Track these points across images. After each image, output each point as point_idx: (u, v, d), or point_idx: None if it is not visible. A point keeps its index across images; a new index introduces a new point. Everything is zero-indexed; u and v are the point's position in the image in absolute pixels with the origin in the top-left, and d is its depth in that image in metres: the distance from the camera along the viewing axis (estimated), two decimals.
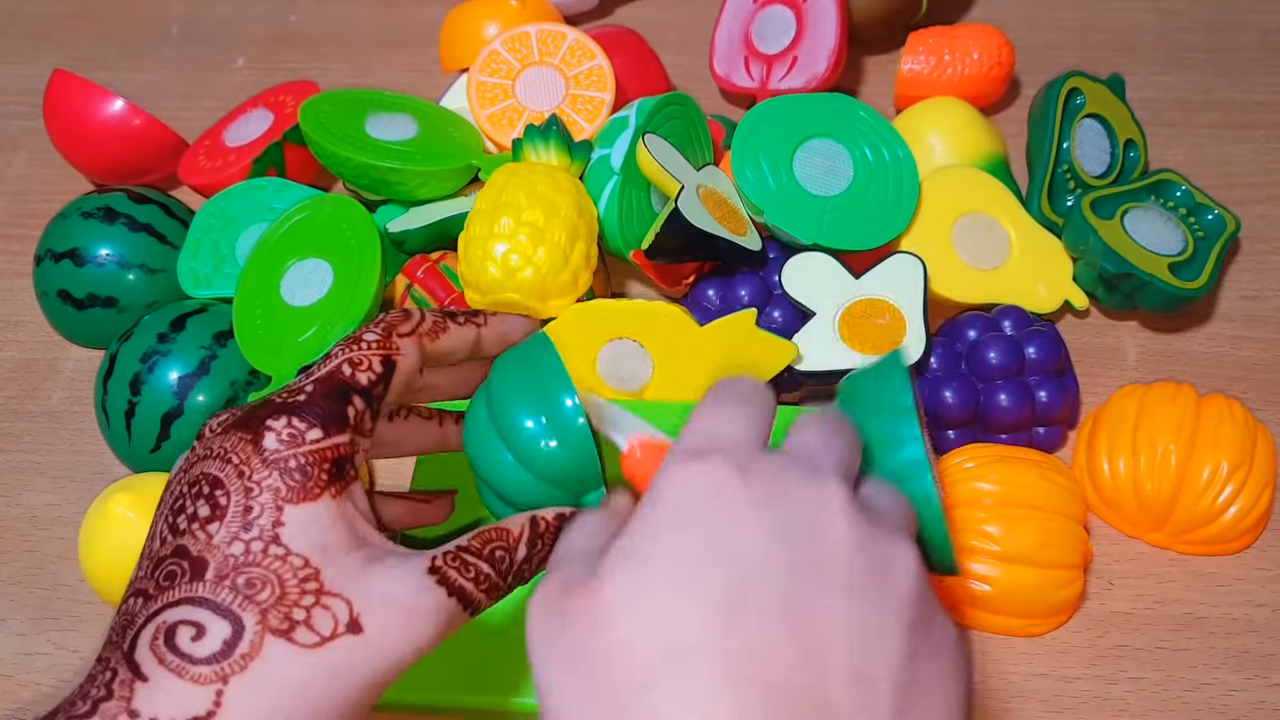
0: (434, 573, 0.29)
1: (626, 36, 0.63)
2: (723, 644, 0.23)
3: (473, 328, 0.36)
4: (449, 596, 0.29)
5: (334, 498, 0.29)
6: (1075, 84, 0.58)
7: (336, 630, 0.27)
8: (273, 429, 0.29)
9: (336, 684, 0.27)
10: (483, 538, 0.31)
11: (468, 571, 0.30)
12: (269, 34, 0.74)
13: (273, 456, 0.29)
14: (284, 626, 0.27)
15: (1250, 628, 0.45)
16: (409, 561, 0.29)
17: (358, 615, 0.28)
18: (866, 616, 0.24)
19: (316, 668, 0.27)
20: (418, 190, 0.54)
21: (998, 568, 0.44)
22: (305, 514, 0.28)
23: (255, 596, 0.27)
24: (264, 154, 0.58)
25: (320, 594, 0.28)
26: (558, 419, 0.34)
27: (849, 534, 0.25)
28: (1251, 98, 0.66)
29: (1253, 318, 0.56)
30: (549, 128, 0.51)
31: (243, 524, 0.28)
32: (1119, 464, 0.47)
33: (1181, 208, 0.56)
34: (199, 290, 0.54)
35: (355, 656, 0.27)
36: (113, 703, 0.26)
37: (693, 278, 0.53)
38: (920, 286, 0.50)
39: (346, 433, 0.30)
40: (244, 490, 0.28)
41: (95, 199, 0.56)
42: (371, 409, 0.32)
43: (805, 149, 0.53)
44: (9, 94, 0.71)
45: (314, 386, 0.31)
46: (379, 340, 0.33)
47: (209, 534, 0.28)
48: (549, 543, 0.32)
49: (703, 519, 0.25)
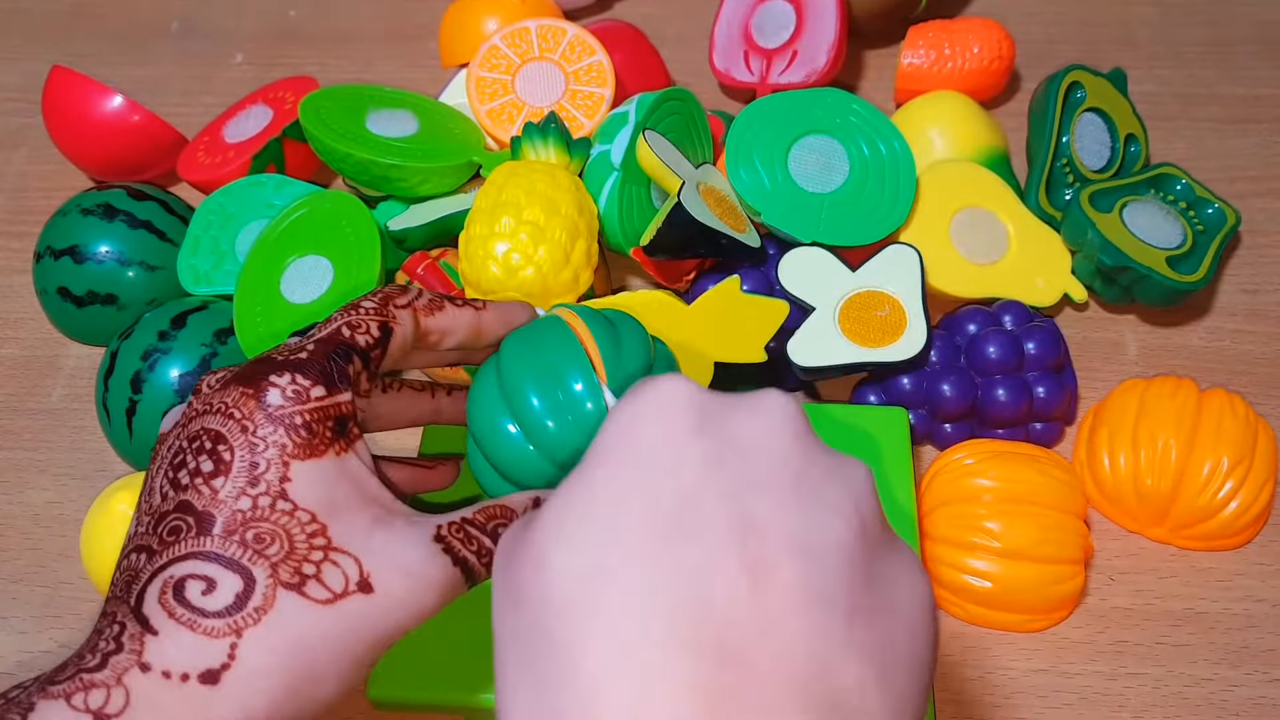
0: (439, 541, 0.29)
1: (626, 31, 0.63)
2: (655, 562, 0.21)
3: (471, 310, 0.36)
4: (453, 566, 0.29)
5: (338, 454, 0.29)
6: (1076, 78, 0.58)
7: (348, 587, 0.27)
8: (276, 385, 0.29)
9: (348, 641, 0.27)
10: (486, 512, 0.31)
11: (470, 544, 0.30)
12: (268, 29, 0.74)
13: (277, 412, 0.29)
14: (295, 580, 0.27)
15: (1250, 623, 0.45)
16: (415, 528, 0.29)
17: (368, 575, 0.28)
18: (816, 527, 0.22)
19: (331, 623, 0.27)
20: (419, 187, 0.54)
21: (998, 564, 0.44)
22: (312, 470, 0.28)
23: (265, 551, 0.27)
24: (263, 150, 0.58)
25: (329, 549, 0.28)
26: (570, 399, 0.34)
27: (794, 445, 0.23)
28: (1253, 91, 0.66)
29: (1253, 312, 0.56)
30: (547, 125, 0.51)
31: (249, 479, 0.28)
32: (1119, 459, 0.47)
33: (1181, 201, 0.56)
34: (199, 287, 0.54)
35: (366, 616, 0.27)
36: (122, 656, 0.26)
37: (693, 274, 0.53)
38: (918, 276, 0.50)
39: (348, 391, 0.30)
40: (249, 445, 0.28)
41: (95, 196, 0.55)
42: (369, 370, 0.32)
43: (800, 146, 0.53)
44: (8, 90, 0.71)
45: (315, 346, 0.31)
46: (376, 307, 0.33)
47: (214, 489, 0.28)
48: None
49: (642, 445, 0.23)
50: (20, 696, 0.26)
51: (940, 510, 0.45)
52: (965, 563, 0.44)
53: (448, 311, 0.35)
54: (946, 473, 0.46)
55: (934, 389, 0.48)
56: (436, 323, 0.35)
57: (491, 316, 0.36)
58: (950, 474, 0.46)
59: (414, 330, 0.34)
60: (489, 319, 0.36)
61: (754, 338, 0.47)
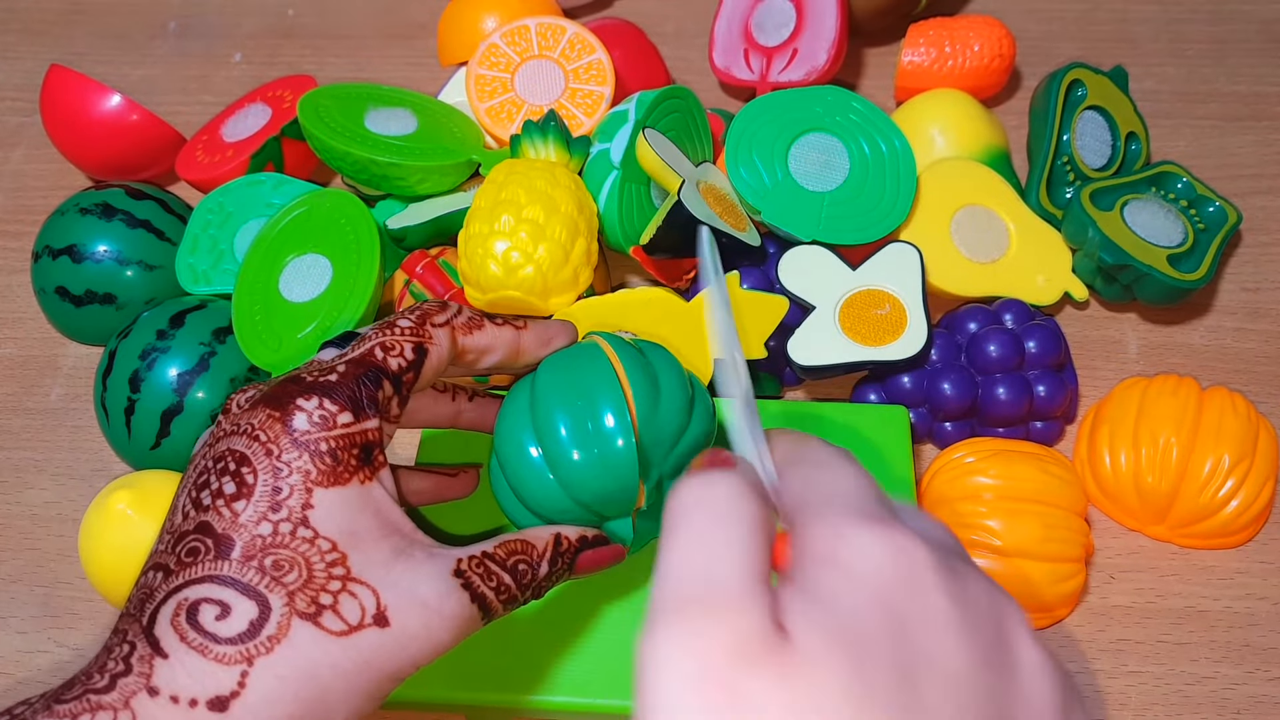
0: (459, 576, 0.29)
1: (625, 29, 0.62)
2: None
3: (511, 329, 0.35)
4: (471, 603, 0.29)
5: (363, 483, 0.29)
6: (1076, 75, 0.58)
7: (364, 620, 0.27)
8: (303, 409, 0.29)
9: (361, 674, 0.27)
10: (507, 548, 0.30)
11: (490, 580, 0.29)
12: (266, 28, 0.74)
13: (303, 438, 0.28)
14: (311, 610, 0.26)
15: (1251, 621, 0.45)
16: (435, 561, 0.29)
17: (385, 608, 0.27)
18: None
19: (344, 656, 0.27)
20: (418, 185, 0.53)
21: (999, 562, 0.44)
22: (334, 498, 0.28)
23: (282, 578, 0.27)
24: (262, 149, 0.58)
25: (347, 580, 0.27)
26: (599, 433, 0.33)
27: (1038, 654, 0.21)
28: (1254, 89, 0.66)
29: (1254, 310, 0.56)
30: (547, 123, 0.50)
31: (271, 504, 0.27)
32: (1120, 457, 0.47)
33: (1182, 199, 0.56)
34: (197, 286, 0.53)
35: (381, 650, 0.27)
36: (131, 678, 0.25)
37: (693, 273, 0.53)
38: (918, 275, 0.50)
39: (376, 418, 0.30)
40: (273, 470, 0.28)
41: (93, 195, 0.55)
42: (400, 395, 0.31)
43: (800, 144, 0.53)
44: (5, 89, 0.71)
45: (346, 368, 0.30)
46: (413, 327, 0.32)
47: (235, 511, 0.27)
48: (567, 562, 0.32)
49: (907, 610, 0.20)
50: (25, 714, 0.25)
51: (941, 509, 0.45)
52: None
53: (487, 330, 0.34)
54: (947, 471, 0.46)
55: (934, 387, 0.48)
56: (475, 342, 0.34)
57: (531, 336, 0.36)
58: (951, 472, 0.46)
59: (450, 349, 0.33)
60: (529, 339, 0.36)
61: (754, 334, 0.47)
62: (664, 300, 0.47)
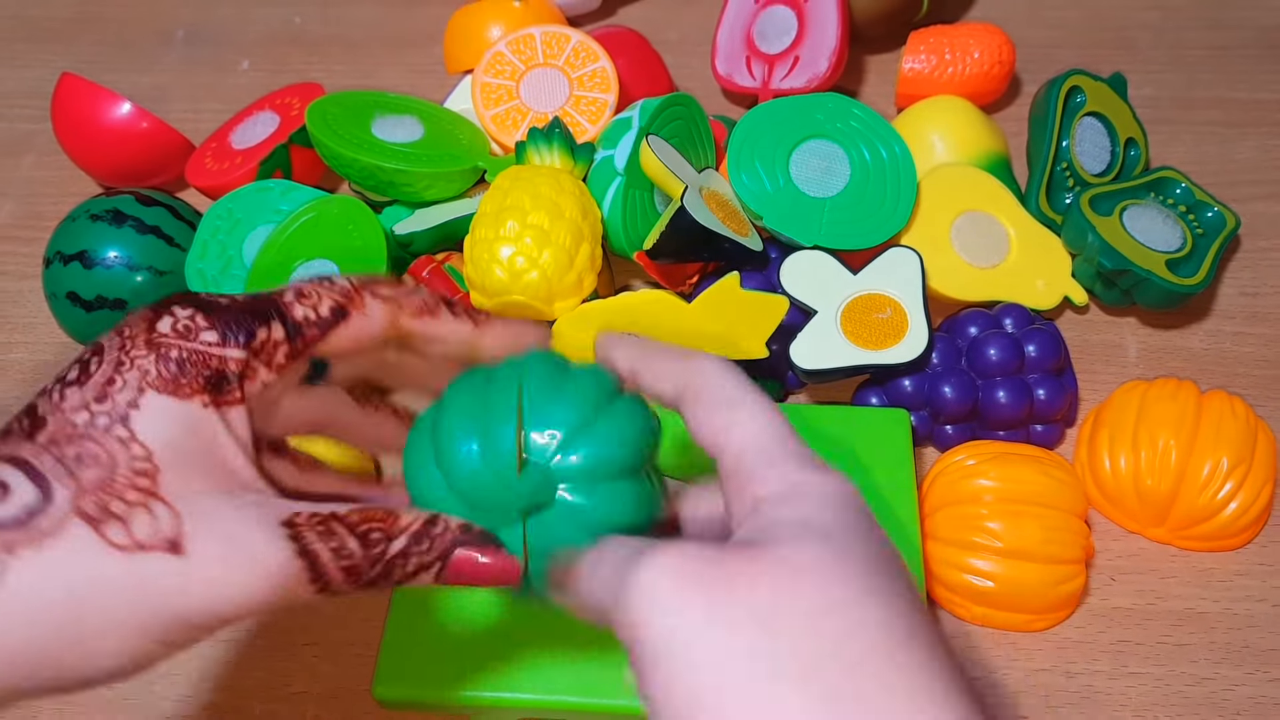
0: (289, 526, 0.26)
1: (629, 37, 0.63)
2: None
3: (468, 321, 0.33)
4: (297, 557, 0.25)
5: (205, 406, 0.26)
6: (1076, 82, 0.58)
7: (153, 541, 0.24)
8: (173, 314, 0.27)
9: (136, 603, 0.24)
10: (365, 514, 0.27)
11: (330, 539, 0.26)
12: (274, 36, 0.74)
13: (158, 339, 0.27)
14: (96, 515, 0.24)
15: (1251, 623, 0.46)
16: (264, 506, 0.26)
17: (183, 535, 0.24)
18: None
19: (120, 574, 0.24)
20: (425, 192, 0.54)
21: (1000, 564, 0.44)
22: (166, 406, 0.26)
23: (80, 473, 0.24)
24: (270, 156, 0.59)
25: (150, 494, 0.25)
26: (490, 438, 0.29)
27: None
28: (1252, 95, 0.66)
29: (1253, 314, 0.56)
30: (551, 130, 0.51)
31: (97, 394, 0.25)
32: (1120, 460, 0.47)
33: (1181, 205, 0.56)
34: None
35: (167, 580, 0.24)
36: None
37: (696, 278, 0.53)
38: (919, 279, 0.50)
39: (243, 350, 0.28)
40: (115, 363, 0.26)
41: (103, 201, 0.56)
42: (292, 343, 0.29)
43: (801, 151, 0.53)
44: (17, 97, 0.72)
45: (245, 297, 0.29)
46: (346, 289, 0.30)
47: (63, 396, 0.26)
48: (439, 552, 0.28)
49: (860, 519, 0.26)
50: None
51: (942, 511, 0.46)
52: (967, 563, 0.44)
53: (441, 319, 0.32)
54: (948, 474, 0.46)
55: (935, 391, 0.49)
56: (423, 327, 0.32)
57: (497, 332, 0.33)
58: (952, 475, 0.46)
59: (385, 325, 0.31)
60: (494, 333, 0.33)
61: (755, 334, 0.48)
62: (666, 301, 0.48)
